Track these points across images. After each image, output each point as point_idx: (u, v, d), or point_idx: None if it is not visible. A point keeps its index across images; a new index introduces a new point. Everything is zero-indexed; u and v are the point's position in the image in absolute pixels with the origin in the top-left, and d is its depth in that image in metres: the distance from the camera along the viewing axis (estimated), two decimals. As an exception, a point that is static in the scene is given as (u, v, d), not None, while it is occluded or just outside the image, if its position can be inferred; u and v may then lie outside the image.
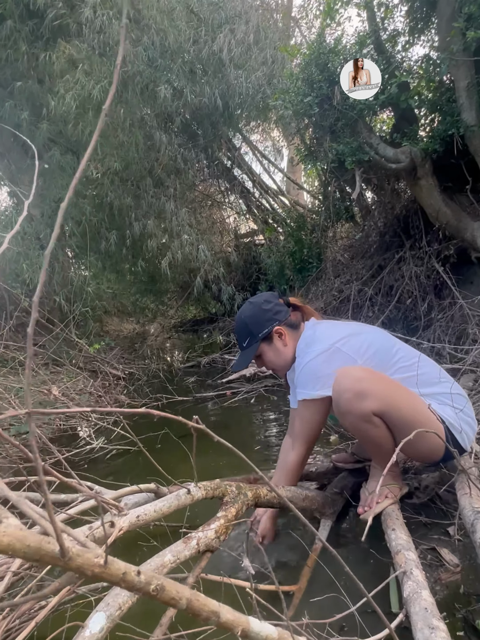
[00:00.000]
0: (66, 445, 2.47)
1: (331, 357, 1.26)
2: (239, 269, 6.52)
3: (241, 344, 1.42)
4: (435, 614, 0.71)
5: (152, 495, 1.34)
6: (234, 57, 4.53)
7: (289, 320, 1.41)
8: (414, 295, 3.48)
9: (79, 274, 5.38)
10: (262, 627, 0.45)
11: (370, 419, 1.14)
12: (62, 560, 0.30)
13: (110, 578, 0.34)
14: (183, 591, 0.38)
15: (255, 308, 1.40)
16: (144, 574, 0.35)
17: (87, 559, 0.32)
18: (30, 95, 4.36)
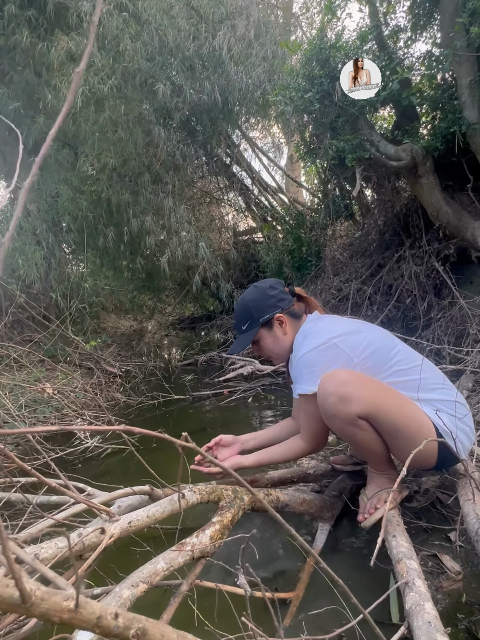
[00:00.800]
0: (61, 444, 2.44)
1: (326, 351, 1.23)
2: (238, 267, 6.48)
3: (240, 327, 1.40)
4: (439, 628, 0.68)
5: (146, 497, 1.30)
6: (234, 53, 4.48)
7: (292, 309, 1.39)
8: (414, 294, 3.45)
9: (76, 270, 5.34)
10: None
11: (356, 422, 1.11)
12: (22, 607, 0.27)
13: (81, 624, 0.30)
14: (169, 634, 0.34)
15: (260, 292, 1.38)
16: (123, 617, 0.32)
17: (53, 603, 0.28)
18: (26, 86, 4.30)
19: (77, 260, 5.82)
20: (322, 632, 0.90)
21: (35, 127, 4.23)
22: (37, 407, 2.85)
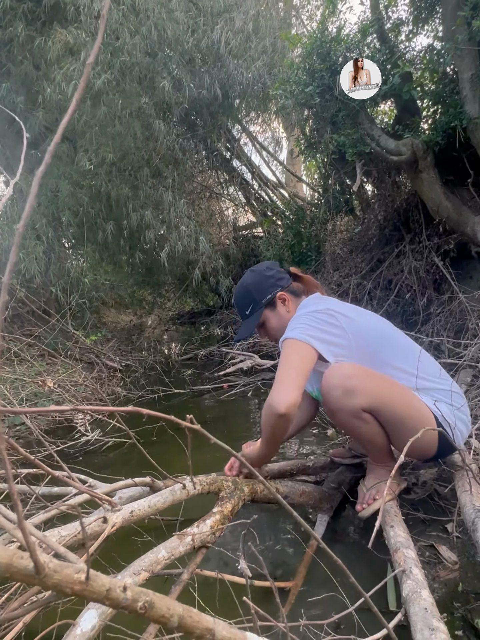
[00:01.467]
0: (62, 437, 2.45)
1: (323, 317, 1.21)
2: (237, 262, 6.47)
3: (243, 312, 1.40)
4: (435, 615, 0.69)
5: (147, 489, 1.32)
6: (233, 46, 4.45)
7: (291, 287, 1.40)
8: (413, 289, 3.45)
9: (76, 264, 5.33)
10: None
11: (360, 415, 1.12)
12: (36, 577, 0.28)
13: (92, 596, 0.32)
14: (174, 607, 0.35)
15: (258, 275, 1.38)
16: (131, 590, 0.33)
17: (65, 575, 0.29)
18: (25, 79, 4.28)
19: (77, 255, 5.81)
20: (321, 619, 0.92)
21: (35, 121, 4.21)
22: (38, 400, 2.87)
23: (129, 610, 0.33)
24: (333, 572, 1.08)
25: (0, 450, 0.23)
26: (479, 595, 0.96)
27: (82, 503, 1.14)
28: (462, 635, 0.86)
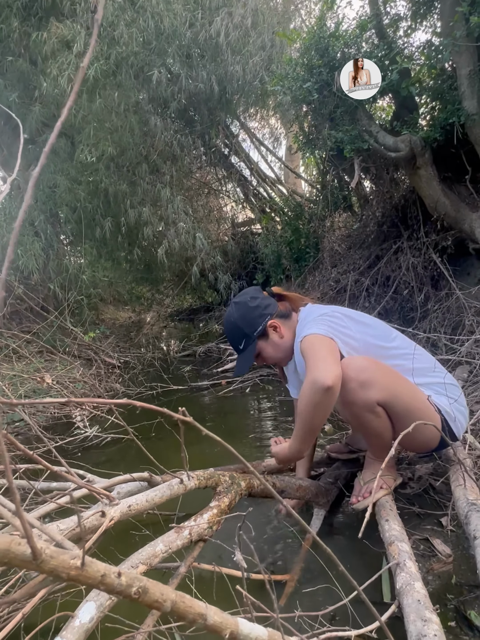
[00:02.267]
0: (60, 433, 2.46)
1: (332, 317, 1.24)
2: (236, 258, 6.47)
3: (237, 347, 1.38)
4: (428, 606, 0.70)
5: (145, 484, 1.33)
6: (231, 41, 4.42)
7: (280, 311, 1.38)
8: (411, 286, 3.46)
9: (74, 261, 5.33)
10: (252, 629, 0.44)
11: (374, 409, 1.13)
12: (33, 563, 0.29)
13: (87, 581, 0.32)
14: (167, 593, 0.36)
15: (243, 308, 1.35)
16: (125, 576, 0.34)
17: (62, 561, 0.30)
18: (21, 75, 4.26)
19: (75, 251, 5.80)
20: (316, 611, 0.93)
21: (32, 116, 4.20)
22: (37, 397, 2.87)
23: (124, 596, 0.34)
24: (329, 565, 1.09)
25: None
26: (472, 587, 0.97)
27: (81, 498, 1.15)
28: (455, 626, 0.88)
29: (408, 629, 0.69)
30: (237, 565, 1.11)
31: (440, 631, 0.66)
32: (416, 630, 0.66)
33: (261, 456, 1.91)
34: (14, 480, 0.27)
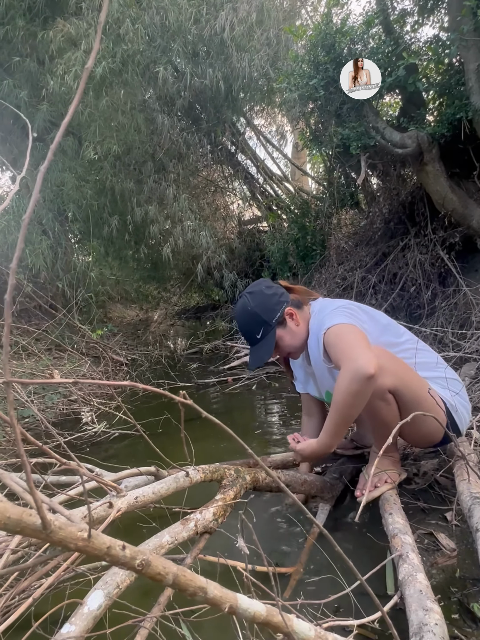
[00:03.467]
0: (69, 429, 2.50)
1: (348, 310, 1.24)
2: (242, 256, 6.48)
3: (253, 337, 1.33)
4: (429, 596, 0.71)
5: (152, 478, 1.35)
6: (236, 36, 4.41)
7: (293, 300, 1.39)
8: (418, 283, 3.45)
9: (82, 259, 5.38)
10: (251, 604, 0.45)
11: (385, 396, 1.14)
12: (43, 533, 0.30)
13: (94, 552, 0.34)
14: (170, 567, 0.38)
15: (260, 296, 1.33)
16: (129, 549, 0.35)
17: (70, 532, 0.32)
18: (29, 75, 4.30)
19: (83, 249, 5.85)
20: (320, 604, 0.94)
21: (39, 115, 4.23)
22: (46, 393, 2.91)
23: (128, 567, 0.36)
24: (334, 558, 1.10)
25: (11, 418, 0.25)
26: (475, 581, 0.98)
27: (89, 491, 1.18)
28: (458, 619, 0.89)
29: (409, 618, 0.70)
30: (242, 558, 1.12)
31: (442, 620, 0.66)
32: (417, 619, 0.67)
33: (268, 452, 1.92)
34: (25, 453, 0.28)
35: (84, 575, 0.97)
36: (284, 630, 0.46)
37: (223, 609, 0.41)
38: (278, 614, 0.46)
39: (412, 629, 0.68)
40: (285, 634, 0.47)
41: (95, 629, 0.75)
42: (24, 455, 0.27)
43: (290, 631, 0.46)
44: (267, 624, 0.47)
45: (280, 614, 0.45)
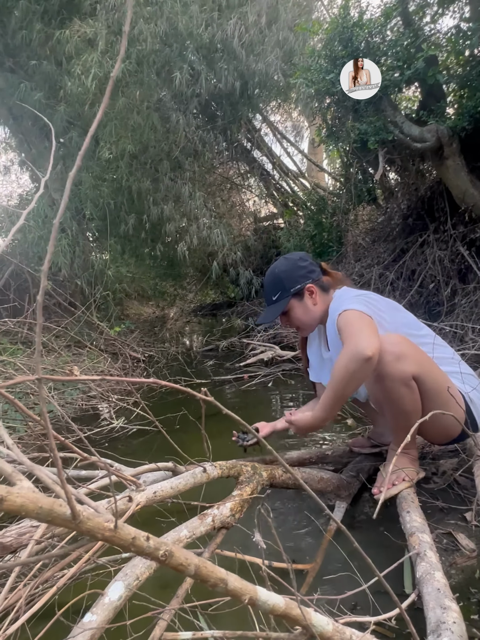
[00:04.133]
0: (88, 424, 2.54)
1: (366, 300, 1.25)
2: (258, 253, 6.47)
3: (270, 297, 1.40)
4: (448, 595, 0.71)
5: (169, 473, 1.37)
6: (247, 41, 4.39)
7: (321, 281, 1.41)
8: (437, 279, 3.39)
9: (100, 257, 5.45)
10: (270, 597, 0.46)
11: (409, 382, 1.14)
12: (72, 522, 0.32)
13: (120, 542, 0.35)
14: (192, 558, 0.39)
15: (291, 263, 1.39)
16: (153, 540, 0.37)
17: (97, 523, 0.33)
18: (47, 76, 4.37)
19: (101, 248, 5.94)
20: (337, 601, 0.95)
21: (57, 115, 4.31)
22: (66, 389, 2.97)
23: (152, 558, 0.37)
24: (350, 556, 1.10)
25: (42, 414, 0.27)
26: (496, 582, 0.97)
27: (108, 486, 1.20)
28: (478, 619, 0.88)
29: (427, 616, 0.70)
30: (258, 554, 1.13)
31: (460, 619, 0.66)
32: (435, 617, 0.67)
33: (283, 449, 1.92)
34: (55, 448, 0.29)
35: (105, 567, 1.00)
36: (302, 623, 0.46)
37: (243, 601, 0.42)
38: (296, 607, 0.47)
39: (429, 627, 0.68)
40: (303, 627, 0.47)
41: (115, 620, 0.77)
42: (55, 449, 0.29)
43: (309, 624, 0.46)
44: (286, 617, 0.47)
45: (298, 606, 0.46)
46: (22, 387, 2.72)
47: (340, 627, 0.55)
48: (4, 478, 0.35)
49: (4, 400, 2.31)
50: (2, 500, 0.29)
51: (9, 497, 0.29)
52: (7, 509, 0.30)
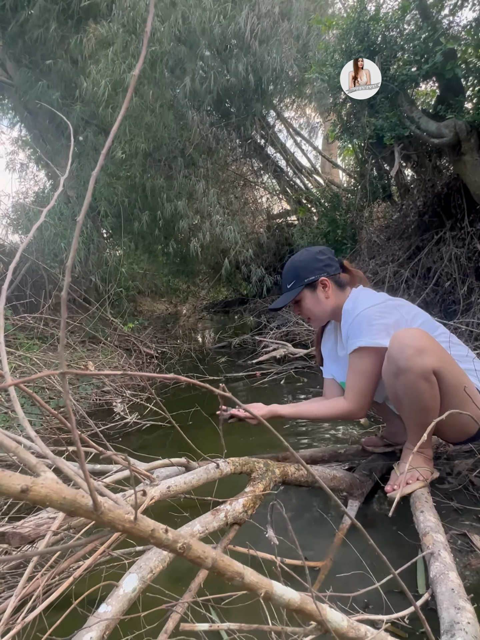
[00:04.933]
0: (102, 419, 2.58)
1: (385, 310, 1.27)
2: (271, 250, 6.45)
3: (285, 285, 1.45)
4: (462, 595, 0.70)
5: (182, 469, 1.38)
6: (260, 31, 4.36)
7: (337, 277, 1.43)
8: (453, 277, 3.34)
9: (114, 254, 5.51)
10: (285, 591, 0.47)
11: (429, 377, 1.13)
12: (94, 513, 0.33)
13: (139, 534, 0.36)
14: (209, 551, 0.39)
15: (310, 255, 1.44)
16: (172, 532, 0.37)
17: (118, 514, 0.34)
18: (63, 76, 4.42)
19: (115, 245, 5.99)
20: (349, 599, 0.95)
21: (73, 114, 4.35)
22: (80, 384, 3.01)
23: (170, 550, 0.38)
24: (363, 554, 1.09)
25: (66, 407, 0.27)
26: (511, 584, 0.95)
27: (122, 480, 1.22)
28: (493, 622, 0.87)
29: (441, 616, 0.69)
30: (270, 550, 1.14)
31: (474, 619, 0.65)
32: (449, 617, 0.66)
33: (295, 447, 1.92)
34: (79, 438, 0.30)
35: (119, 559, 1.01)
36: (318, 619, 0.47)
37: (259, 594, 0.42)
38: (311, 602, 0.47)
39: (443, 627, 0.67)
40: (318, 622, 0.48)
41: (129, 612, 0.78)
42: (79, 441, 0.30)
43: (324, 619, 0.47)
44: (301, 611, 0.48)
45: (314, 602, 0.46)
46: (38, 382, 2.77)
47: (355, 623, 0.55)
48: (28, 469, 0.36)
49: (21, 395, 2.35)
50: (27, 490, 0.30)
51: (34, 487, 0.30)
52: (32, 499, 0.31)
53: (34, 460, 0.36)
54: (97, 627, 0.67)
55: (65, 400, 0.29)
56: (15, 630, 0.62)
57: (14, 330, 3.46)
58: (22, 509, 1.36)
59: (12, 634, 0.61)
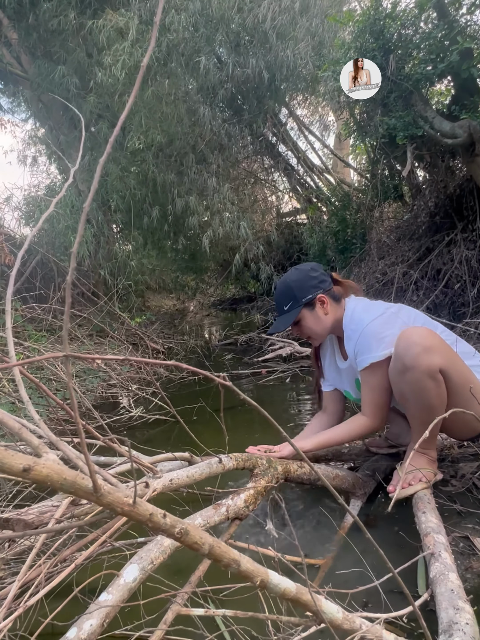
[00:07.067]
0: (107, 412, 2.60)
1: (388, 320, 1.27)
2: (280, 248, 6.45)
3: (281, 307, 1.42)
4: (461, 596, 0.70)
5: (185, 463, 1.39)
6: (279, 24, 4.34)
7: (332, 291, 1.42)
8: (464, 279, 3.31)
9: (123, 248, 5.53)
10: (281, 580, 0.47)
11: (436, 375, 1.12)
12: (94, 495, 0.33)
13: (138, 517, 0.37)
14: (206, 537, 0.40)
15: (302, 274, 1.41)
16: (170, 517, 0.38)
17: (117, 497, 0.35)
18: (78, 66, 4.44)
19: (124, 239, 6.02)
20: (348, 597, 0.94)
21: (86, 106, 4.37)
22: (87, 377, 3.04)
23: (168, 534, 0.38)
24: (364, 553, 1.09)
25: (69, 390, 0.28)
26: (512, 588, 0.95)
27: (126, 472, 1.23)
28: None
29: (439, 616, 0.69)
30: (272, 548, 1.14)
31: (473, 620, 0.65)
32: (447, 617, 0.66)
33: (299, 445, 1.92)
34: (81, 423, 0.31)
35: (120, 549, 1.02)
36: (313, 609, 0.47)
37: (255, 582, 0.43)
38: (307, 593, 0.47)
39: (441, 627, 0.67)
40: (313, 613, 0.48)
41: (129, 601, 0.79)
42: (80, 423, 0.30)
43: (319, 610, 0.47)
44: (296, 601, 0.48)
45: (309, 592, 0.46)
46: (45, 373, 2.80)
47: (350, 615, 0.55)
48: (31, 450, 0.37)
49: (28, 383, 2.38)
50: (29, 469, 0.31)
51: (36, 467, 0.31)
52: (33, 479, 0.31)
53: (37, 441, 0.37)
54: (97, 614, 0.68)
55: (68, 383, 0.30)
56: (18, 613, 0.63)
57: (23, 322, 3.50)
58: (27, 497, 1.38)
59: (14, 617, 0.62)
